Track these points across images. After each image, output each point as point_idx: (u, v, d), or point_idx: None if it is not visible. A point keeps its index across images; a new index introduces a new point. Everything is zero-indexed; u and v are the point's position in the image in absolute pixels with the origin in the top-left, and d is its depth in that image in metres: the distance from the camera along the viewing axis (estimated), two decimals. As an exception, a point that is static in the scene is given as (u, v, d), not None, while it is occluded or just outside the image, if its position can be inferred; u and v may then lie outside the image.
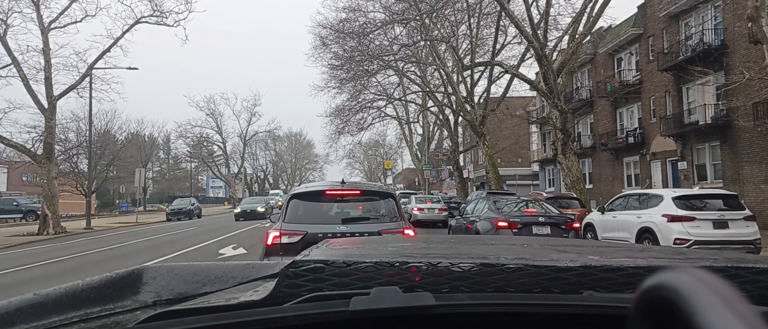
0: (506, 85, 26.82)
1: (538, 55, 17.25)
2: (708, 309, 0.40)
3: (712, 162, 20.59)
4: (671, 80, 22.44)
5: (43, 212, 23.85)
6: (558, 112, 16.79)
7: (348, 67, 29.04)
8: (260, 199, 37.02)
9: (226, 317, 0.76)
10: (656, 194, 10.67)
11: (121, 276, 0.94)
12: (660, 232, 9.84)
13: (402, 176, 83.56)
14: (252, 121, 70.97)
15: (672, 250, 1.61)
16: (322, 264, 0.88)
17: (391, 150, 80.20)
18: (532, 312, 0.83)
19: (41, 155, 23.83)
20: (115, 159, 50.29)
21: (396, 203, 6.02)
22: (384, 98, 36.94)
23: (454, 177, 41.30)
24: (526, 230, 10.57)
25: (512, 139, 44.19)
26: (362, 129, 36.42)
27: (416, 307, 0.77)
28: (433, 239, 1.97)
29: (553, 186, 36.01)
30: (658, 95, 23.65)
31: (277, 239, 5.44)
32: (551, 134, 33.19)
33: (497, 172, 26.55)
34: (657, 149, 23.84)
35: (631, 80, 25.74)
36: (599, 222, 12.24)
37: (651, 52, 24.14)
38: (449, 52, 28.24)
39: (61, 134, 33.00)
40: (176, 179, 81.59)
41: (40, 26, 23.64)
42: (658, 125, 23.48)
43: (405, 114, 44.92)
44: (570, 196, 16.16)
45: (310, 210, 5.83)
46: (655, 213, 10.12)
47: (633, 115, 26.46)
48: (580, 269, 0.89)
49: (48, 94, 23.82)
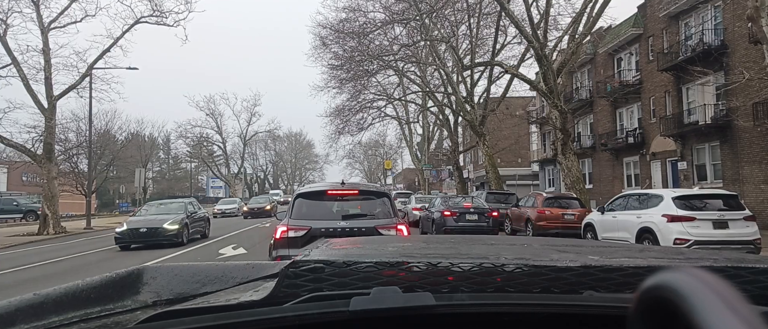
0: (506, 85, 26.82)
1: (537, 56, 17.25)
2: (708, 309, 0.40)
3: (711, 162, 20.60)
4: (671, 80, 22.45)
5: (43, 212, 23.86)
6: (558, 112, 16.78)
7: (348, 67, 29.03)
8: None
9: (226, 317, 0.76)
10: (656, 195, 10.68)
11: (121, 276, 0.94)
12: (660, 232, 9.84)
13: (402, 176, 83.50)
14: (252, 121, 71.11)
15: (672, 250, 1.61)
16: (322, 264, 0.88)
17: (391, 150, 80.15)
18: (532, 312, 0.83)
19: (41, 155, 23.83)
20: (115, 159, 50.31)
21: (390, 201, 6.70)
22: (384, 97, 36.92)
23: (454, 177, 41.29)
24: (461, 217, 15.47)
25: (512, 139, 44.12)
26: (362, 129, 36.41)
27: (416, 307, 0.77)
28: (433, 239, 1.98)
29: (553, 186, 36.00)
30: (658, 95, 23.65)
31: (284, 233, 6.06)
32: (551, 134, 33.21)
33: (497, 172, 26.55)
34: (657, 149, 23.85)
35: (631, 80, 25.74)
36: (599, 222, 12.24)
37: (651, 52, 24.14)
38: (449, 52, 28.25)
39: (61, 134, 32.97)
40: (176, 179, 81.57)
41: (40, 26, 23.64)
42: (658, 125, 23.48)
43: (405, 114, 44.91)
44: (570, 196, 16.17)
45: (313, 208, 6.46)
46: (655, 213, 10.12)
47: (633, 115, 26.46)
48: (580, 269, 0.89)
49: (48, 94, 23.81)
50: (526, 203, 16.86)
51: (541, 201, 15.73)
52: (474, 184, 47.44)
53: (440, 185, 64.68)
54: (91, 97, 26.27)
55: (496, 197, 21.06)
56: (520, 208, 17.23)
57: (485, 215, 15.58)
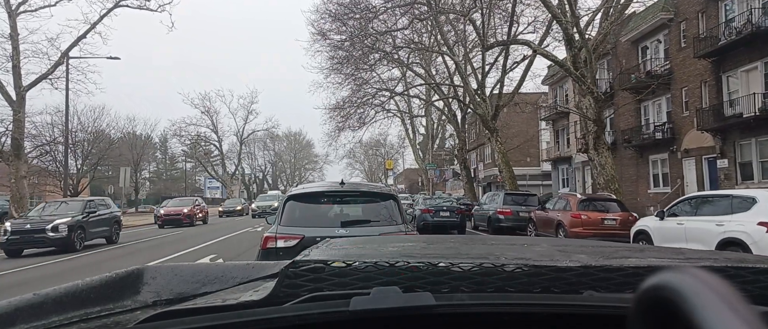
0: (521, 75, 24.57)
1: (567, 36, 14.94)
2: (708, 308, 0.40)
3: (759, 160, 18.24)
4: (708, 68, 20.13)
5: (10, 216, 21.55)
6: (592, 99, 14.44)
7: (348, 55, 26.69)
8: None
9: (226, 317, 0.76)
10: (744, 196, 8.34)
11: (121, 275, 0.94)
12: (756, 245, 7.52)
13: (403, 176, 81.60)
14: (249, 119, 68.85)
15: (672, 250, 1.50)
16: (322, 264, 0.88)
17: (392, 150, 78.38)
18: (532, 312, 0.83)
19: (8, 151, 21.55)
20: (102, 158, 48.08)
21: (398, 205, 5.72)
22: (386, 91, 34.66)
23: (460, 177, 39.02)
24: (437, 214, 18.69)
25: (521, 137, 41.96)
26: (364, 123, 34.14)
27: (416, 307, 0.77)
28: (433, 239, 1.71)
29: (567, 186, 33.68)
30: (692, 86, 21.31)
31: (272, 241, 5.22)
32: (574, 127, 30.89)
33: (511, 171, 24.28)
34: (690, 145, 21.52)
35: (659, 71, 23.41)
36: (657, 230, 9.92)
37: (683, 38, 21.83)
38: (459, 42, 25.91)
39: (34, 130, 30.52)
40: (173, 180, 79.65)
41: (8, 9, 21.38)
42: (691, 119, 21.18)
43: (408, 109, 42.65)
44: (608, 198, 13.77)
45: (307, 212, 5.62)
46: (746, 220, 7.80)
47: (660, 108, 24.13)
48: (580, 269, 0.89)
49: (16, 84, 21.57)
50: (555, 206, 14.51)
51: (575, 204, 13.37)
52: (480, 184, 44.89)
53: (443, 186, 62.46)
54: (68, 88, 24.00)
55: (515, 198, 18.72)
56: (547, 211, 14.91)
57: (455, 213, 19.04)
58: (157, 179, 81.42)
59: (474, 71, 26.00)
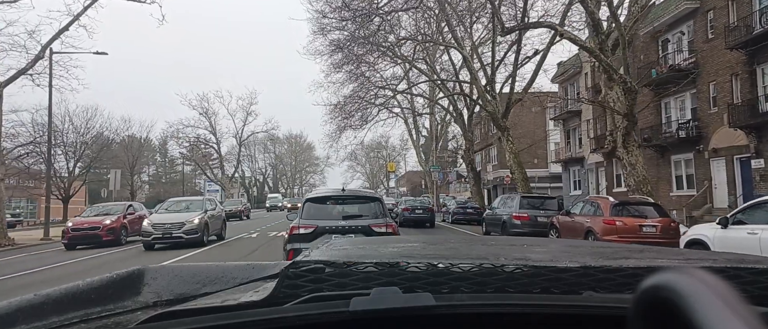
0: (533, 70, 22.97)
1: (593, 20, 13.35)
2: (707, 309, 0.40)
3: (801, 159, 16.67)
4: (740, 60, 18.54)
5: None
6: (623, 91, 12.82)
7: (349, 51, 25.10)
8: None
9: (226, 317, 0.76)
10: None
11: (121, 276, 0.93)
12: None
13: (405, 179, 79.91)
14: (248, 121, 67.25)
15: (672, 251, 1.51)
16: (322, 264, 0.87)
17: (393, 152, 76.83)
18: (532, 313, 0.82)
19: (-17, 152, 20.03)
20: (96, 160, 46.59)
21: (382, 205, 8.07)
22: (389, 89, 33.07)
23: (467, 179, 37.43)
24: (413, 211, 23.58)
25: (529, 138, 40.37)
26: (366, 122, 32.58)
27: (416, 307, 0.77)
28: (433, 239, 1.53)
29: (579, 189, 32.06)
30: (722, 80, 19.71)
31: (296, 229, 7.41)
32: (588, 126, 29.30)
33: (524, 172, 22.69)
34: (720, 144, 19.91)
35: (683, 64, 21.80)
36: (719, 241, 8.31)
37: (711, 28, 20.25)
38: (467, 30, 24.31)
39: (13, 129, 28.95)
40: (172, 183, 78.01)
41: (-17, -1, 19.86)
42: (720, 116, 19.58)
43: (411, 108, 41.02)
44: (646, 201, 12.06)
45: (319, 210, 7.79)
46: None
47: (684, 105, 22.52)
48: (579, 269, 0.88)
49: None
50: (583, 211, 12.88)
51: (607, 208, 11.73)
52: (486, 187, 43.18)
53: (447, 189, 60.82)
54: (51, 85, 22.49)
55: (531, 202, 17.11)
56: (572, 217, 13.29)
57: (426, 210, 24.08)
58: (157, 182, 79.88)
59: (483, 66, 24.41)
